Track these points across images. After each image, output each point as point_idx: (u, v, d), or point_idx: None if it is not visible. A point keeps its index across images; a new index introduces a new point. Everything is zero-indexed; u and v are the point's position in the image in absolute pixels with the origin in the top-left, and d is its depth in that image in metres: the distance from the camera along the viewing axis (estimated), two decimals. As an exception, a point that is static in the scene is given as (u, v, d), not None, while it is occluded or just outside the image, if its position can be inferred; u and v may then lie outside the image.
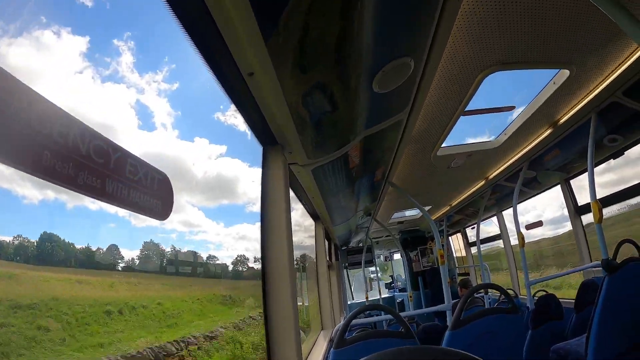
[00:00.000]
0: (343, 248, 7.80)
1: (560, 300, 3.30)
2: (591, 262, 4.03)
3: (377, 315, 5.41)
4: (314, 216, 3.66)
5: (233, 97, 1.16)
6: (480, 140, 3.32)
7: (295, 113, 1.30)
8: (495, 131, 3.24)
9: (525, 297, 3.73)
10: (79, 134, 0.73)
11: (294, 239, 1.59)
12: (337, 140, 1.77)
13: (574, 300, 3.29)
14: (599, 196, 2.70)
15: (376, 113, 1.74)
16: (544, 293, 3.92)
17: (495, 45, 1.79)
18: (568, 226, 4.42)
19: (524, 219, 5.56)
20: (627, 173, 3.78)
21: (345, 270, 8.79)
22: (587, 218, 4.15)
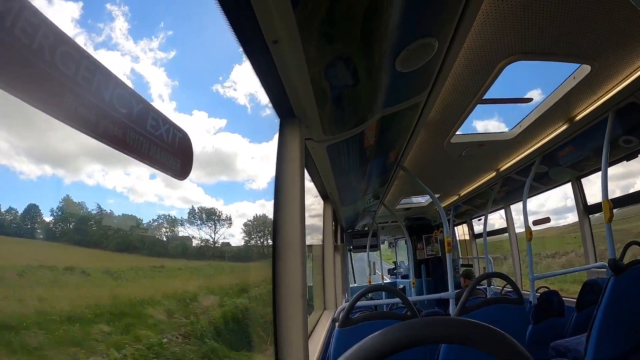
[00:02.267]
0: (349, 231, 7.86)
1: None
2: (596, 262, 4.05)
3: (379, 299, 5.50)
4: (324, 195, 3.68)
5: (255, 66, 1.14)
6: (495, 131, 3.31)
7: (316, 85, 1.29)
8: (509, 123, 3.24)
9: (528, 291, 3.74)
10: (102, 80, 0.71)
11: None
12: (355, 117, 1.76)
13: (575, 299, 3.32)
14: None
15: (396, 93, 1.73)
16: (546, 289, 3.97)
17: (520, 33, 1.78)
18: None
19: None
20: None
21: (349, 253, 8.89)
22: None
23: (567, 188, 4.33)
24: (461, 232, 8.16)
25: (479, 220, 6.84)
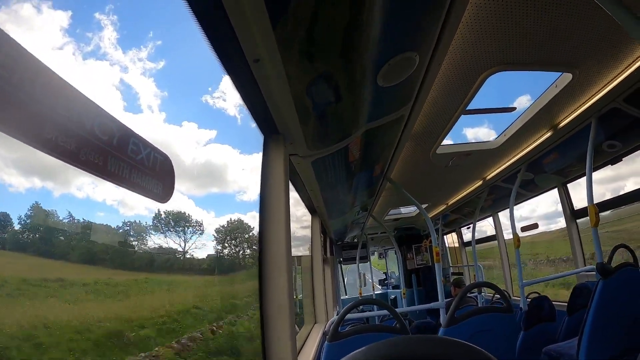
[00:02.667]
0: (338, 243, 7.83)
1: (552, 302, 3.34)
2: (585, 266, 4.07)
3: (370, 310, 5.45)
4: (311, 209, 3.66)
5: (237, 84, 1.14)
6: (480, 140, 3.33)
7: (298, 103, 1.29)
8: (496, 131, 3.26)
9: (518, 297, 3.75)
10: (83, 108, 0.71)
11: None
12: (339, 132, 1.76)
13: (566, 303, 3.33)
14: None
15: (379, 107, 1.73)
16: (537, 295, 3.96)
17: (500, 44, 1.79)
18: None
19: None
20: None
21: (339, 265, 8.83)
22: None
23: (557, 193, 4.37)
24: (451, 240, 8.17)
25: (468, 228, 6.87)
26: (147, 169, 0.91)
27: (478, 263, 5.93)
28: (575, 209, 4.19)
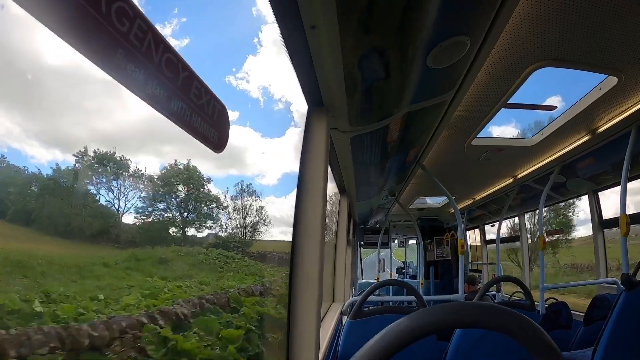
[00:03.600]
0: (361, 226, 7.89)
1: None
2: (607, 277, 4.04)
3: (386, 295, 5.55)
4: (341, 188, 3.69)
5: (291, 50, 1.14)
6: (515, 137, 3.32)
7: (348, 74, 1.30)
8: (525, 129, 3.24)
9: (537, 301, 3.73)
10: (153, 41, 0.71)
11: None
12: (382, 110, 1.78)
13: (583, 313, 3.31)
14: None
15: (424, 89, 1.75)
16: (554, 300, 3.96)
17: (551, 39, 1.78)
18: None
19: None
20: None
21: (359, 249, 8.94)
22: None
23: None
24: (473, 236, 8.13)
25: (492, 226, 6.83)
26: (206, 115, 0.92)
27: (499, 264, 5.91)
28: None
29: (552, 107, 2.69)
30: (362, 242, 8.47)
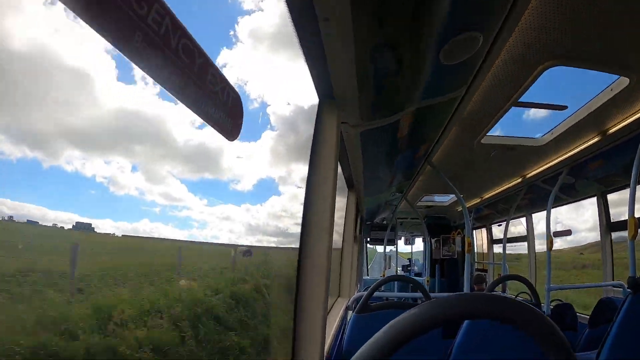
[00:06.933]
0: (367, 223, 7.90)
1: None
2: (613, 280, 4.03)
3: (390, 291, 5.59)
4: (349, 183, 3.69)
5: (303, 43, 1.14)
6: (524, 136, 3.31)
7: (360, 67, 1.30)
8: (539, 129, 3.23)
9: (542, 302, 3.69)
10: (171, 26, 0.70)
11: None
12: (393, 105, 1.77)
13: (588, 315, 3.31)
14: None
15: (436, 85, 1.74)
16: (559, 302, 3.96)
17: (565, 37, 1.76)
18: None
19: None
20: None
21: (365, 245, 8.98)
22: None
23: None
24: (480, 235, 8.13)
25: (499, 225, 6.82)
26: (221, 102, 0.92)
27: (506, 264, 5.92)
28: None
29: (563, 107, 2.67)
30: (368, 238, 8.50)
